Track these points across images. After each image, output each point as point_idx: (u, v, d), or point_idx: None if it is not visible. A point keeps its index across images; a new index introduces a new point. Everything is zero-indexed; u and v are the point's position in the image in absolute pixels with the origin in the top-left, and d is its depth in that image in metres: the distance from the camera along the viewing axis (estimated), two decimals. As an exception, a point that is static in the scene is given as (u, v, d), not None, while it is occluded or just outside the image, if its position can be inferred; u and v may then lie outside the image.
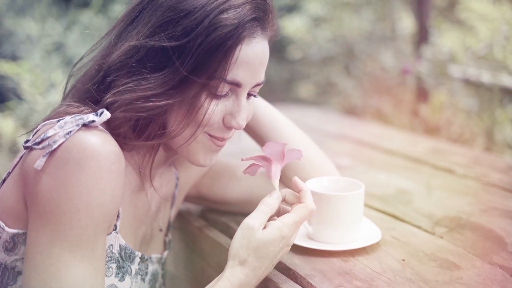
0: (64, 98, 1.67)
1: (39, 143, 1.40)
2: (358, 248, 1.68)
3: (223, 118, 1.56)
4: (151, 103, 1.47)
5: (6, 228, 1.46)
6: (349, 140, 3.04)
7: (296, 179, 1.57)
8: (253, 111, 1.70)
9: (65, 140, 1.36)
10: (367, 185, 2.05)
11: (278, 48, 6.83)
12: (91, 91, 1.55)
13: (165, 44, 1.47)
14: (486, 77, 4.31)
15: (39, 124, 1.52)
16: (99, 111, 1.44)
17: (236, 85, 1.52)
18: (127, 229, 1.63)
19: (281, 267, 1.63)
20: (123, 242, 1.59)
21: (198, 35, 1.45)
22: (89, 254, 1.38)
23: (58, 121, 1.43)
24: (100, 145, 1.38)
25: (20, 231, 1.45)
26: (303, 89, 6.57)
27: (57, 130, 1.39)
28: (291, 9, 6.89)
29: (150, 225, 1.78)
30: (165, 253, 1.88)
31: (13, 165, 1.50)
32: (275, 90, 2.05)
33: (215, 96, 1.52)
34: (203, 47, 1.46)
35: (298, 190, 1.56)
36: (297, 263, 1.62)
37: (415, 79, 4.64)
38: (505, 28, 4.04)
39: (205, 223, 2.01)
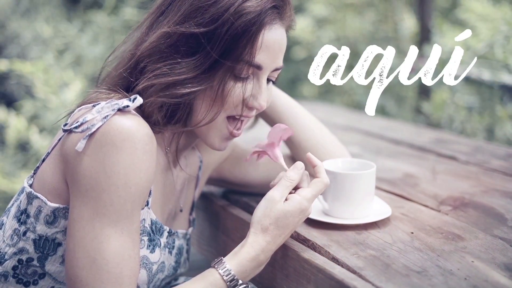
0: (98, 86, 1.81)
1: (78, 126, 1.53)
2: (370, 222, 1.83)
3: (246, 100, 1.70)
4: (187, 89, 1.63)
5: (48, 203, 1.60)
6: (357, 131, 3.19)
7: (310, 155, 1.74)
8: (271, 96, 1.84)
9: (102, 124, 1.50)
10: (376, 171, 2.22)
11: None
12: (123, 77, 1.71)
13: (194, 30, 1.62)
14: (486, 75, 4.41)
15: (74, 109, 1.66)
16: (132, 97, 1.58)
17: (257, 68, 1.67)
18: (156, 205, 1.78)
19: (300, 239, 1.77)
20: (153, 217, 1.74)
21: (225, 21, 1.61)
22: (128, 228, 1.53)
23: (94, 106, 1.58)
24: (134, 128, 1.51)
25: (61, 206, 1.59)
26: (307, 89, 6.69)
27: (95, 115, 1.53)
28: (295, 10, 7.01)
29: (175, 202, 1.93)
30: (190, 229, 2.03)
31: (52, 146, 1.64)
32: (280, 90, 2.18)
33: (239, 79, 1.67)
34: (230, 33, 1.61)
35: (313, 166, 1.72)
36: (315, 235, 1.77)
37: (418, 78, 4.74)
38: (505, 28, 4.14)
39: (228, 202, 2.16)
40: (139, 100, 1.57)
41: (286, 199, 1.67)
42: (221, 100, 1.66)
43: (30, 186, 1.65)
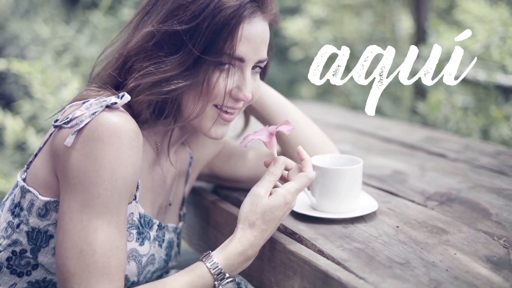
0: (88, 85, 1.87)
1: (67, 122, 1.60)
2: (357, 216, 1.88)
3: (231, 91, 1.76)
4: (172, 86, 1.68)
5: (40, 196, 1.66)
6: (349, 129, 3.23)
7: (300, 148, 1.79)
8: (260, 89, 1.90)
9: (90, 120, 1.57)
10: (365, 168, 2.27)
11: (281, 49, 6.99)
12: (112, 76, 1.77)
13: (176, 28, 1.68)
14: (482, 76, 4.45)
15: (65, 106, 1.72)
16: (120, 94, 1.64)
17: (240, 60, 1.73)
18: (145, 199, 1.84)
19: (288, 232, 1.82)
20: (142, 211, 1.80)
21: (206, 17, 1.67)
22: (115, 219, 1.59)
23: (84, 103, 1.64)
24: (121, 124, 1.58)
25: (52, 199, 1.66)
26: (304, 89, 6.73)
27: (83, 111, 1.60)
28: (293, 11, 7.03)
29: (166, 197, 1.98)
30: (180, 224, 2.08)
31: (44, 141, 1.70)
32: (277, 91, 2.21)
33: (223, 71, 1.73)
34: (211, 28, 1.67)
35: (300, 159, 1.78)
36: (302, 229, 1.81)
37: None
38: (501, 29, 4.18)
39: (218, 197, 2.21)
40: (127, 97, 1.64)
41: (270, 194, 1.72)
42: (207, 93, 1.72)
43: (24, 180, 1.71)
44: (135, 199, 1.75)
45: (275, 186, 1.76)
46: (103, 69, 1.85)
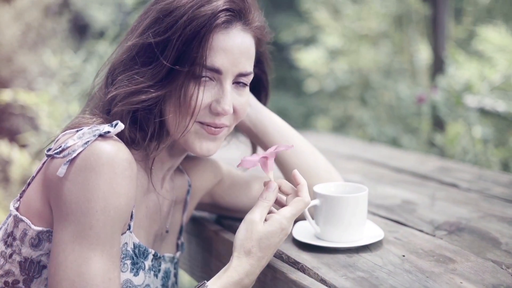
0: (82, 110, 1.91)
1: (60, 152, 1.62)
2: (362, 245, 1.90)
3: (210, 105, 1.78)
4: (143, 96, 1.71)
5: (32, 226, 1.68)
6: (360, 160, 3.25)
7: (296, 172, 1.80)
8: (248, 104, 1.90)
9: (83, 150, 1.59)
10: (374, 198, 2.28)
11: (296, 82, 7.05)
12: (102, 96, 1.81)
13: (150, 41, 1.73)
14: (502, 106, 4.47)
15: (59, 134, 1.74)
16: (114, 123, 1.67)
17: (216, 71, 1.76)
18: (140, 228, 1.86)
19: (290, 261, 1.84)
20: (136, 241, 1.82)
21: (178, 29, 1.71)
22: (108, 251, 1.60)
23: (77, 131, 1.67)
24: (114, 153, 1.60)
25: (44, 229, 1.67)
26: (321, 122, 6.76)
27: (76, 141, 1.62)
28: (307, 42, 7.11)
29: (162, 224, 2.00)
30: (178, 253, 2.10)
31: (36, 170, 1.73)
32: (292, 124, 2.22)
33: (201, 83, 1.75)
34: (182, 38, 1.71)
35: (296, 183, 1.79)
36: (305, 258, 1.83)
37: (431, 109, 4.81)
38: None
39: (221, 227, 2.23)
40: (120, 126, 1.66)
41: (265, 220, 1.73)
42: (185, 106, 1.75)
43: (17, 209, 1.73)
44: (129, 228, 1.77)
45: (270, 212, 1.77)
46: (97, 92, 1.88)
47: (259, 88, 2.10)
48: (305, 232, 1.98)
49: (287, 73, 8.32)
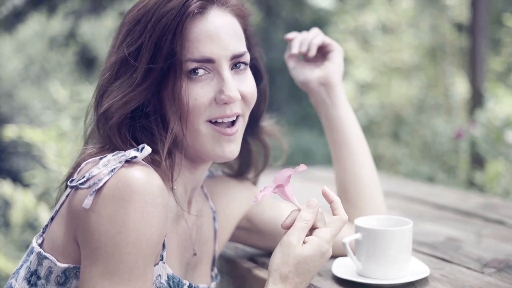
0: (85, 142, 1.92)
1: (84, 182, 1.62)
2: (407, 282, 1.94)
3: (215, 98, 1.78)
4: (133, 102, 1.74)
5: (58, 263, 1.69)
6: (398, 196, 3.30)
7: (327, 189, 1.78)
8: (253, 84, 1.89)
9: (110, 178, 1.59)
10: (416, 235, 2.33)
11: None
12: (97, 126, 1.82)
13: (124, 54, 1.76)
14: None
15: (81, 163, 1.73)
16: (140, 147, 1.68)
17: (208, 61, 1.77)
18: (172, 258, 1.87)
19: (332, 299, 1.88)
20: (170, 272, 1.83)
21: (148, 30, 1.74)
22: (140, 286, 1.61)
23: (101, 159, 1.67)
24: (143, 180, 1.60)
25: (71, 266, 1.68)
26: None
27: (101, 169, 1.62)
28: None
29: (193, 251, 2.01)
30: (212, 284, 2.11)
31: (60, 203, 1.75)
32: (317, 165, 2.24)
33: (195, 80, 1.77)
34: (153, 36, 1.73)
35: (329, 201, 1.78)
36: (347, 295, 1.89)
37: (469, 145, 4.85)
38: None
39: (255, 264, 2.28)
40: (147, 149, 1.67)
41: (304, 242, 1.73)
42: (183, 105, 1.75)
43: (40, 245, 1.75)
44: (162, 259, 1.77)
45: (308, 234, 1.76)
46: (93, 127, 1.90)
47: (257, 79, 2.03)
48: (345, 268, 2.02)
49: (311, 109, 8.33)
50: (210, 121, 1.80)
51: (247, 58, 1.86)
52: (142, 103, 1.76)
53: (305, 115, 8.53)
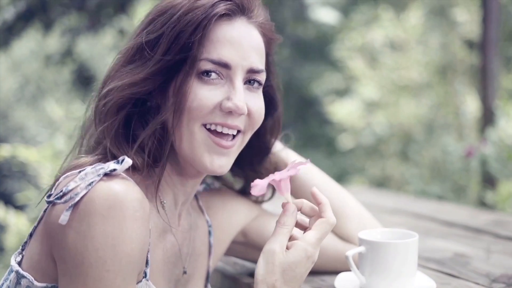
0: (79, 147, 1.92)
1: (61, 197, 1.58)
2: (412, 297, 1.94)
3: (220, 104, 1.77)
4: (135, 88, 1.75)
5: (35, 283, 1.66)
6: (405, 213, 3.31)
7: (316, 190, 1.77)
8: (262, 106, 1.88)
9: (87, 192, 1.56)
10: (423, 251, 2.33)
11: (327, 138, 7.11)
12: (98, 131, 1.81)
13: (143, 40, 1.77)
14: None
15: (60, 177, 1.70)
16: (120, 159, 1.65)
17: (224, 66, 1.77)
18: (157, 274, 1.85)
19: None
20: None
21: (173, 21, 1.75)
22: None
23: (80, 172, 1.63)
24: (122, 194, 1.57)
25: (49, 285, 1.66)
26: (357, 182, 6.81)
27: (78, 182, 1.58)
28: (341, 93, 7.18)
29: (183, 269, 1.99)
30: None
31: (38, 219, 1.72)
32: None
33: (205, 81, 1.77)
34: (176, 28, 1.74)
35: (317, 203, 1.76)
36: (351, 309, 1.89)
37: (480, 164, 4.85)
38: None
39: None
40: (128, 162, 1.64)
41: (287, 248, 1.70)
42: (184, 103, 1.74)
43: (19, 263, 1.73)
44: (145, 276, 1.74)
45: (292, 238, 1.74)
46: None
47: (267, 108, 1.99)
48: (348, 282, 2.01)
49: (317, 129, 8.35)
50: (206, 127, 1.79)
51: (262, 77, 1.86)
52: (146, 94, 1.77)
53: (312, 136, 8.54)
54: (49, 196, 1.64)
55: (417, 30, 7.01)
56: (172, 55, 1.74)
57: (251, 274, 2.33)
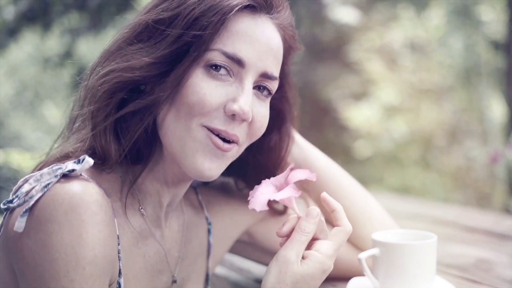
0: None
1: (14, 201, 1.52)
2: (431, 302, 1.91)
3: (224, 106, 1.66)
4: (138, 72, 1.64)
5: None
6: (425, 219, 3.28)
7: (327, 196, 1.68)
8: (267, 116, 1.78)
9: (42, 195, 1.48)
10: (444, 257, 2.31)
11: (343, 146, 7.09)
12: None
13: (155, 17, 1.67)
14: None
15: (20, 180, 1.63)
16: (81, 158, 1.55)
17: (237, 62, 1.67)
18: (139, 285, 1.76)
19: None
20: None
21: (193, 3, 1.65)
22: None
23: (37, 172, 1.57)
24: (79, 196, 1.49)
25: None
26: (375, 193, 6.77)
27: (32, 185, 1.52)
28: (358, 97, 7.15)
29: (172, 274, 1.89)
30: None
31: None
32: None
33: (212, 75, 1.66)
34: (196, 10, 1.64)
35: (331, 210, 1.67)
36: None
37: (506, 171, 4.82)
38: None
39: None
40: (88, 162, 1.55)
41: (303, 257, 1.61)
42: (191, 103, 1.65)
43: None
44: (119, 287, 1.67)
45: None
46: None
47: (278, 122, 1.96)
48: (362, 287, 2.00)
49: (332, 136, 8.33)
50: (207, 127, 1.69)
51: (274, 86, 1.76)
52: (146, 78, 1.66)
53: (328, 143, 8.52)
54: (6, 201, 1.56)
55: (439, 30, 6.99)
56: (185, 40, 1.64)
57: (258, 280, 2.31)
